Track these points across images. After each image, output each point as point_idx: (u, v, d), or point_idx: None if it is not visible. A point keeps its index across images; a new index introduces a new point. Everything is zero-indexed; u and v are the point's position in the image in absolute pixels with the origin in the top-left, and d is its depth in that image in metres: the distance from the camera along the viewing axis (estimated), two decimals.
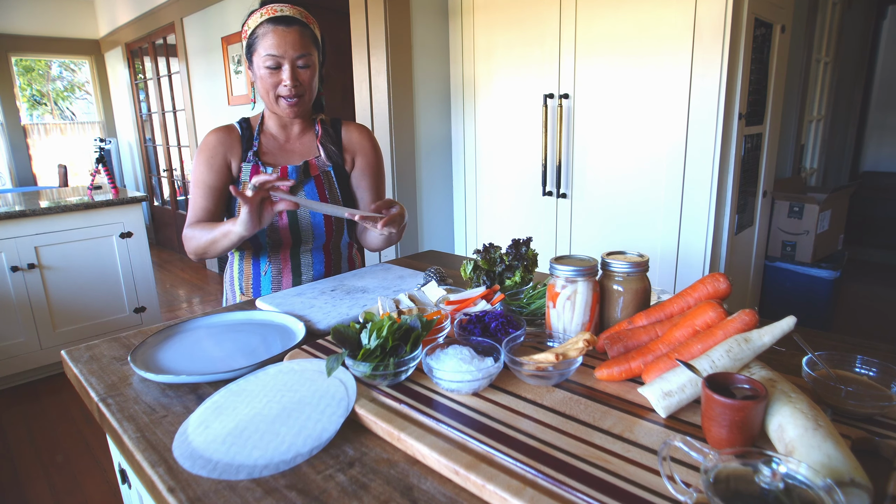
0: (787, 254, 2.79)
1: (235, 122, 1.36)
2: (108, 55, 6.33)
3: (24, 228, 2.70)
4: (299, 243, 1.35)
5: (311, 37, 1.24)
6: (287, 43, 1.19)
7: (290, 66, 1.21)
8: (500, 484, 0.57)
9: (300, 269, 1.37)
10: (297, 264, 1.37)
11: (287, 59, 1.20)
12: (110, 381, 0.88)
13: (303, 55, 1.22)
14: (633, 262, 0.86)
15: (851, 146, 4.80)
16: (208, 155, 1.30)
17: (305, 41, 1.22)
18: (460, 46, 2.67)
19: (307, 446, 0.66)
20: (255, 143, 1.33)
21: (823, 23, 3.30)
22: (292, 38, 1.19)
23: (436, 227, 2.95)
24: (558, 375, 0.76)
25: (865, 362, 0.74)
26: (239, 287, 1.39)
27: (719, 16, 1.85)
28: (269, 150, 1.34)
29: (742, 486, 0.49)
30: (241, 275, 1.38)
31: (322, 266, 1.40)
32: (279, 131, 1.36)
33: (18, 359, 2.79)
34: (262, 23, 1.20)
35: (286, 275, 1.36)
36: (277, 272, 1.36)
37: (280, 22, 1.19)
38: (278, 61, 1.20)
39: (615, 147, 2.21)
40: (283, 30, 1.19)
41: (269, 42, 1.19)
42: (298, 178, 1.31)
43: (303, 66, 1.23)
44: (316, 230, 1.34)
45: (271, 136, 1.36)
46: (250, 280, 1.37)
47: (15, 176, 6.14)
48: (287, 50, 1.19)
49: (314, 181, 1.34)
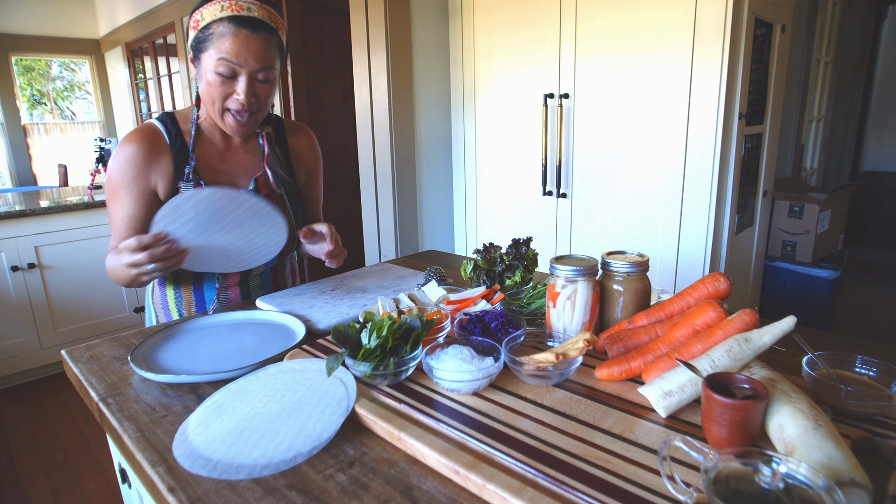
0: (787, 254, 2.79)
1: (156, 119, 1.12)
2: (108, 55, 6.33)
3: (25, 228, 2.70)
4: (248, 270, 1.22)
5: (277, 46, 1.05)
6: (249, 51, 1.00)
7: (248, 79, 1.02)
8: (500, 484, 0.57)
9: (249, 292, 1.26)
10: (247, 289, 1.26)
11: (245, 70, 1.01)
12: (110, 381, 0.88)
13: (264, 68, 1.03)
14: (634, 262, 0.86)
15: (851, 146, 4.80)
16: (129, 176, 1.06)
17: (271, 52, 1.03)
18: (460, 46, 2.67)
19: (307, 446, 0.66)
20: (191, 156, 1.10)
21: (824, 23, 3.30)
22: (255, 46, 1.00)
23: (436, 226, 2.95)
24: (558, 375, 0.76)
25: (865, 362, 0.74)
26: (178, 312, 1.22)
27: (719, 16, 1.85)
28: (207, 164, 1.13)
29: (742, 486, 0.49)
30: (180, 300, 1.21)
31: (271, 286, 1.31)
32: (220, 139, 1.16)
33: (18, 358, 2.79)
34: (221, 19, 0.99)
35: (235, 299, 1.25)
36: (226, 299, 1.23)
37: (245, 24, 0.99)
38: (234, 70, 1.01)
39: (615, 147, 2.21)
40: (247, 35, 0.99)
41: (227, 46, 0.99)
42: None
43: (262, 81, 1.04)
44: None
45: (210, 144, 1.14)
46: (192, 307, 1.22)
47: (15, 176, 6.14)
48: (248, 59, 1.00)
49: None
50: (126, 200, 1.08)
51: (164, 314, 1.24)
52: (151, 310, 1.27)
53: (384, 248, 2.83)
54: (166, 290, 1.23)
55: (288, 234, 1.13)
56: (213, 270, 1.07)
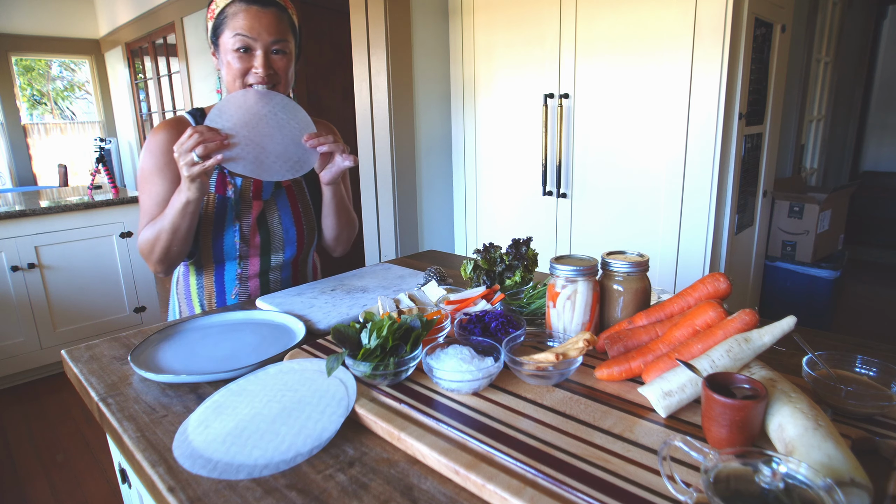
0: (787, 254, 2.79)
1: (187, 112, 1.20)
2: (108, 55, 6.33)
3: (24, 228, 2.70)
4: (269, 256, 1.26)
5: (288, 22, 1.12)
6: (262, 25, 1.07)
7: (264, 52, 1.09)
8: (500, 483, 0.57)
9: (269, 286, 1.29)
10: (267, 282, 1.28)
11: (260, 44, 1.08)
12: (110, 381, 0.88)
13: (278, 41, 1.10)
14: (634, 262, 0.86)
15: (851, 146, 4.80)
16: (162, 162, 1.14)
17: (283, 26, 1.10)
18: (460, 46, 2.67)
19: (307, 446, 0.66)
20: None
21: (824, 23, 3.30)
22: (268, 20, 1.07)
23: (436, 226, 2.95)
24: (558, 375, 0.76)
25: (865, 362, 0.74)
26: (199, 303, 1.26)
27: (719, 16, 1.85)
28: None
29: (742, 486, 0.49)
30: (202, 290, 1.25)
31: (291, 282, 1.33)
32: None
33: (18, 358, 2.79)
34: (232, 1, 1.07)
35: (255, 293, 1.28)
36: (245, 292, 1.26)
37: (254, 1, 1.07)
38: (250, 44, 1.08)
39: (615, 147, 2.21)
40: (258, 10, 1.07)
41: (241, 23, 1.06)
42: (273, 191, 1.23)
43: (277, 52, 1.11)
44: (287, 246, 1.27)
45: None
46: (213, 297, 1.25)
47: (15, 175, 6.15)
48: (261, 33, 1.07)
49: (286, 192, 1.26)
50: (159, 185, 1.14)
51: (186, 305, 1.28)
52: (176, 302, 1.31)
53: (384, 248, 2.83)
54: (190, 280, 1.26)
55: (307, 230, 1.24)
56: (249, 174, 1.09)
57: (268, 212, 1.24)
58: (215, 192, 1.18)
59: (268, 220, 1.24)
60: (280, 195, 1.26)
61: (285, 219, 1.26)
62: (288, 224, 1.26)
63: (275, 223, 1.24)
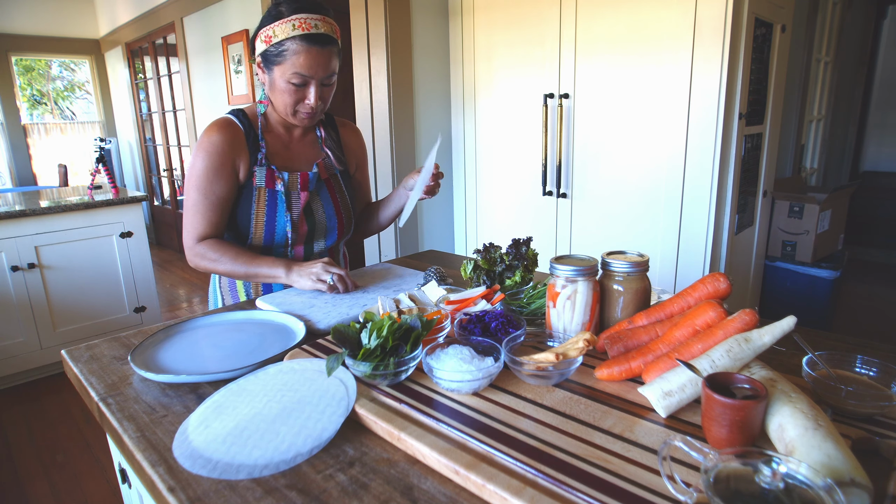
0: (787, 254, 2.79)
1: (230, 114, 1.27)
2: (108, 55, 6.33)
3: (25, 228, 2.70)
4: (312, 244, 1.34)
5: (338, 53, 1.20)
6: (318, 65, 1.14)
7: (317, 87, 1.17)
8: (500, 484, 0.57)
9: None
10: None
11: (315, 80, 1.16)
12: (110, 381, 0.88)
13: (330, 75, 1.18)
14: (634, 262, 0.86)
15: (851, 146, 4.80)
16: (218, 162, 1.20)
17: (335, 61, 1.18)
18: (460, 46, 2.67)
19: (307, 446, 0.66)
20: (261, 144, 1.26)
21: (823, 23, 3.30)
22: (324, 60, 1.15)
23: (436, 226, 2.95)
24: (558, 375, 0.76)
25: (865, 362, 0.74)
26: (245, 292, 1.34)
27: (719, 16, 1.85)
28: (276, 152, 1.29)
29: (742, 486, 0.49)
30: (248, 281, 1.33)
31: None
32: (283, 132, 1.31)
33: (18, 358, 2.79)
34: (294, 37, 1.12)
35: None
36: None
37: (315, 41, 1.12)
38: (306, 80, 1.16)
39: (615, 147, 2.21)
40: (318, 51, 1.13)
41: (301, 62, 1.13)
42: (315, 183, 1.31)
43: (327, 85, 1.20)
44: (329, 234, 1.36)
45: (276, 136, 1.30)
46: (260, 286, 1.33)
47: (15, 175, 6.14)
48: (318, 71, 1.15)
49: (325, 184, 1.34)
50: (217, 185, 1.21)
51: (231, 296, 1.36)
52: (218, 296, 1.38)
53: (384, 248, 2.83)
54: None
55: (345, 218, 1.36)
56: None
57: (313, 202, 1.32)
58: (265, 186, 1.25)
59: (313, 209, 1.32)
60: (321, 187, 1.34)
61: (328, 208, 1.34)
62: (330, 213, 1.34)
63: (319, 212, 1.33)
